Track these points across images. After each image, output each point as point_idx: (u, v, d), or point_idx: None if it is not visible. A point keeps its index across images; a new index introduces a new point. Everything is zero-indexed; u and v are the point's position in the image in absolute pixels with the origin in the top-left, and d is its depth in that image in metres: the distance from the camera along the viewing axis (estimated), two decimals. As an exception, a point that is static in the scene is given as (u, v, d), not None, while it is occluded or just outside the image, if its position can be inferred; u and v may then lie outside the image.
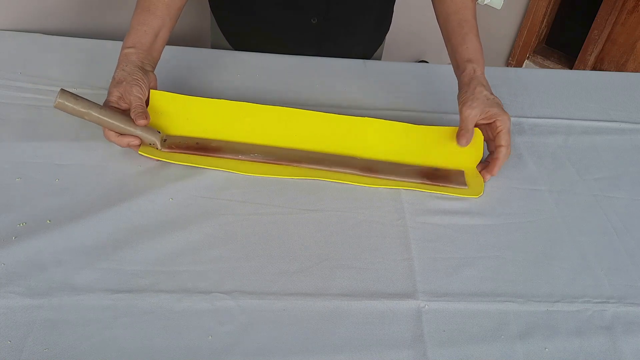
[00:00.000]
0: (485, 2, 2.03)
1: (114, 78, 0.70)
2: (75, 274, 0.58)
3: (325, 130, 0.76)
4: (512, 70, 1.06)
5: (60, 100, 0.64)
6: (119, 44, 0.91)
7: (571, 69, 1.98)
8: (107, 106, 0.68)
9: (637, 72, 1.78)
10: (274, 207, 0.68)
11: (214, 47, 1.03)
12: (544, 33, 2.05)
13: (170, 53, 0.76)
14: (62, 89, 0.65)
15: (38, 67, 0.82)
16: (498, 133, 0.73)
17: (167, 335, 0.54)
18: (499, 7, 2.04)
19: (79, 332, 0.53)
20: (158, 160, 0.71)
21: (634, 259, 0.68)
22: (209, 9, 1.00)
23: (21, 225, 0.61)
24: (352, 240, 0.66)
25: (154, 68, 0.74)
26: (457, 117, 0.74)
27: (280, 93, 0.86)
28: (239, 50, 0.96)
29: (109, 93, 0.69)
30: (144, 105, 0.70)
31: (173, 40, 0.84)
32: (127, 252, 0.61)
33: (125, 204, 0.65)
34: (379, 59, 1.10)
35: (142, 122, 0.68)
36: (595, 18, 1.84)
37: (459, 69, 0.77)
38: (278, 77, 0.89)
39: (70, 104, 0.65)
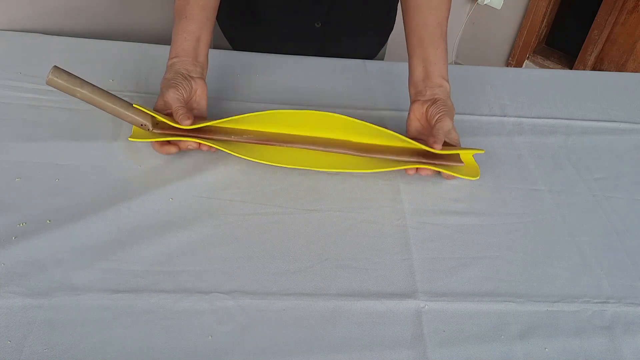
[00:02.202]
0: (485, 2, 2.03)
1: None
2: (75, 274, 0.58)
3: (320, 124, 0.74)
4: (512, 70, 1.06)
5: (51, 77, 0.64)
6: (120, 44, 0.92)
7: (571, 69, 1.98)
8: (100, 88, 0.68)
9: (637, 72, 1.78)
10: (274, 207, 0.68)
11: (215, 48, 1.03)
12: (544, 33, 2.05)
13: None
14: (55, 65, 0.65)
15: (38, 67, 0.82)
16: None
17: (167, 335, 0.54)
18: (499, 7, 2.04)
19: (79, 332, 0.53)
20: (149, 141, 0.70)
21: (634, 259, 0.68)
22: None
23: (21, 225, 0.61)
24: (352, 240, 0.66)
25: (202, 75, 0.73)
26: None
27: (280, 93, 0.86)
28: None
29: (155, 103, 0.72)
30: (184, 105, 0.69)
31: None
32: (127, 252, 0.61)
33: (125, 204, 0.65)
34: (382, 59, 1.10)
35: (185, 122, 0.68)
36: (595, 18, 1.84)
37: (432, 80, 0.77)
38: (278, 77, 0.89)
39: (62, 80, 0.64)
